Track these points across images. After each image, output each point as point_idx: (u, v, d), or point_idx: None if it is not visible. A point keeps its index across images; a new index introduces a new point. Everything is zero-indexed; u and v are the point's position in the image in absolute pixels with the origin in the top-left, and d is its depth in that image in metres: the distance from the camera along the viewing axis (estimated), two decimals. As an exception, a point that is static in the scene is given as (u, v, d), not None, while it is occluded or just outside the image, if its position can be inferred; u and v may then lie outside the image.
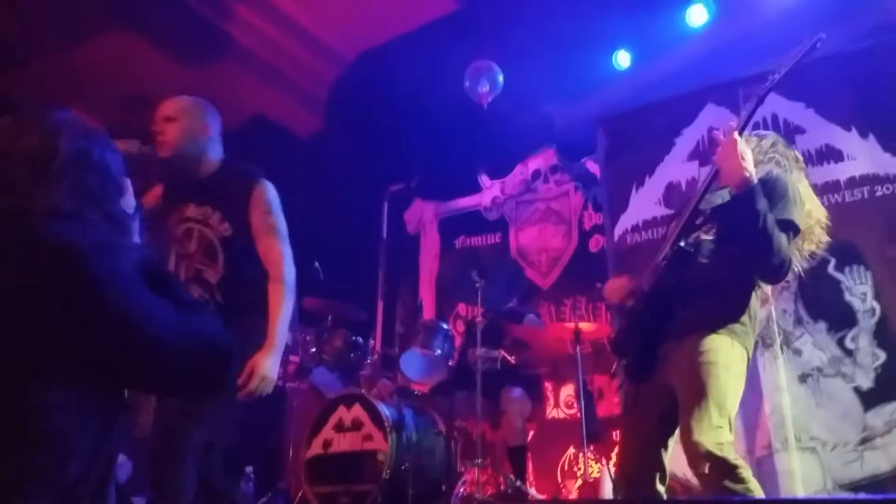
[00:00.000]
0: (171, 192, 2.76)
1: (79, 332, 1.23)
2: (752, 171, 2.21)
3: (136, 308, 1.28)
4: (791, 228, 2.26)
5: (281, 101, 6.08)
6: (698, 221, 2.39)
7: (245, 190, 2.64)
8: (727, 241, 2.32)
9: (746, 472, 2.03)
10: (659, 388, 2.30)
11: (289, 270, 2.61)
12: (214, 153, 2.73)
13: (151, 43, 5.39)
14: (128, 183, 1.84)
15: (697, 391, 2.12)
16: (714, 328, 2.22)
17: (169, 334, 1.31)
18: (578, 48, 5.28)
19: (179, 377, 1.38)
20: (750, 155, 2.23)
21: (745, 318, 2.29)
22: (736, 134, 2.25)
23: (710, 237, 2.37)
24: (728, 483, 1.99)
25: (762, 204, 2.17)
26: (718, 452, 2.01)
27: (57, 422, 1.21)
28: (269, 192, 2.68)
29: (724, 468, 2.01)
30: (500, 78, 5.37)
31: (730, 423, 2.10)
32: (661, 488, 2.28)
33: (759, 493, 2.02)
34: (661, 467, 2.29)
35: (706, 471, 2.01)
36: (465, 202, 6.38)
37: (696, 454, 2.04)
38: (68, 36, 5.20)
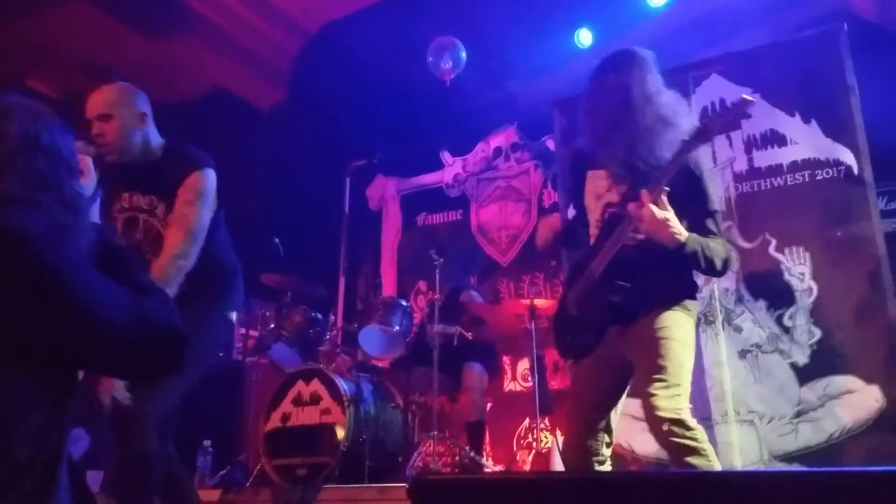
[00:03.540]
0: (109, 179, 2.58)
1: (27, 317, 1.24)
2: (681, 230, 2.23)
3: (86, 292, 1.28)
4: (719, 215, 2.39)
5: (241, 73, 6.01)
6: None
7: (181, 175, 2.57)
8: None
9: (701, 433, 2.18)
10: (611, 360, 2.40)
11: (178, 262, 2.46)
12: (155, 138, 2.67)
13: (109, 13, 5.30)
14: (88, 161, 1.85)
15: (657, 364, 2.24)
16: (670, 305, 2.33)
17: (120, 318, 1.31)
18: (541, 26, 5.31)
19: (132, 360, 1.39)
20: (672, 215, 2.23)
21: (691, 283, 2.42)
22: (651, 206, 2.21)
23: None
24: (676, 438, 2.15)
25: (701, 251, 2.25)
26: (676, 416, 2.17)
27: (5, 403, 1.23)
28: (204, 181, 2.58)
29: (680, 426, 2.16)
30: (463, 55, 5.39)
31: (686, 393, 2.25)
32: (606, 452, 2.41)
33: (710, 451, 2.16)
34: (608, 430, 2.42)
35: (664, 430, 2.16)
36: (427, 179, 6.41)
37: (656, 419, 2.18)
38: (25, 5, 5.09)
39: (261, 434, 4.05)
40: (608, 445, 2.42)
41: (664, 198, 2.24)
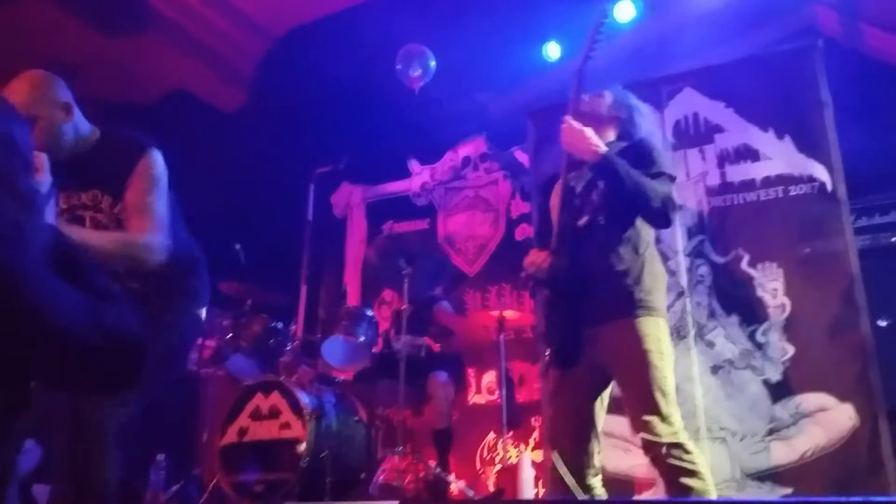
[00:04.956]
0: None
1: None
2: (599, 142, 2.38)
3: (39, 296, 1.17)
4: (664, 176, 2.42)
5: (203, 76, 5.87)
6: (575, 203, 2.53)
7: (130, 162, 2.34)
8: (611, 212, 2.43)
9: (698, 456, 2.18)
10: (590, 369, 2.38)
11: (146, 252, 2.27)
12: (84, 127, 2.40)
13: (68, 10, 5.13)
14: (43, 158, 1.72)
15: (641, 383, 2.23)
16: (638, 313, 2.31)
17: (76, 325, 1.20)
18: (510, 37, 5.29)
19: (87, 371, 1.28)
20: (591, 131, 2.39)
21: (659, 289, 2.39)
22: (570, 119, 2.42)
23: (601, 220, 2.47)
24: (675, 461, 2.13)
25: (620, 165, 2.33)
26: (675, 441, 2.17)
27: None
28: (155, 164, 2.37)
29: (679, 450, 2.16)
30: (433, 63, 5.32)
31: (676, 408, 2.25)
32: (598, 463, 2.39)
33: (706, 474, 2.14)
34: (597, 441, 2.40)
35: (662, 454, 2.15)
36: (393, 187, 6.32)
37: (653, 444, 2.17)
38: (-20, 3, 4.90)
39: (216, 449, 3.89)
40: (598, 453, 2.39)
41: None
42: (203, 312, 2.55)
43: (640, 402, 2.23)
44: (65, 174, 2.30)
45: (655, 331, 2.30)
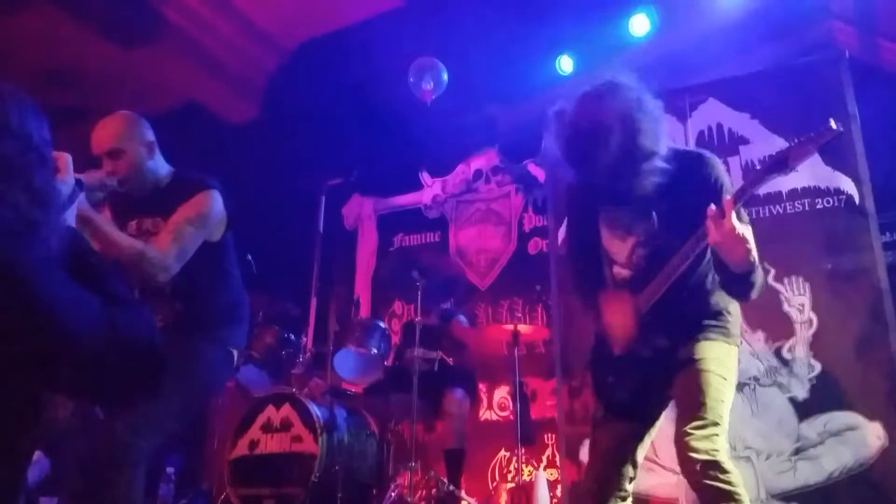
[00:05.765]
0: (118, 208, 2.59)
1: None
2: (755, 254, 2.06)
3: (50, 297, 1.12)
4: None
5: (215, 87, 5.87)
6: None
7: (189, 193, 2.48)
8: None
9: (736, 476, 2.05)
10: (645, 416, 2.30)
11: (155, 268, 2.30)
12: (163, 166, 2.61)
13: (80, 19, 5.12)
14: (67, 159, 1.66)
15: (694, 399, 2.11)
16: (709, 335, 2.19)
17: (89, 328, 1.15)
18: (523, 50, 5.27)
19: (100, 378, 1.22)
20: (750, 234, 2.05)
21: (732, 308, 2.25)
22: (733, 218, 2.00)
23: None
24: (710, 481, 2.01)
25: (758, 280, 2.11)
26: (711, 458, 2.03)
27: None
28: (209, 202, 2.48)
29: (714, 469, 2.03)
30: (445, 76, 5.30)
31: (724, 432, 2.11)
32: (629, 487, 2.28)
33: (744, 496, 2.02)
34: (634, 464, 2.29)
35: (697, 471, 2.03)
36: (404, 199, 6.27)
37: (689, 459, 2.05)
38: (-7, 9, 4.88)
39: (226, 461, 3.82)
40: (631, 480, 2.28)
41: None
42: (235, 353, 2.60)
43: (686, 412, 2.11)
44: (136, 205, 2.55)
45: (724, 356, 2.18)
